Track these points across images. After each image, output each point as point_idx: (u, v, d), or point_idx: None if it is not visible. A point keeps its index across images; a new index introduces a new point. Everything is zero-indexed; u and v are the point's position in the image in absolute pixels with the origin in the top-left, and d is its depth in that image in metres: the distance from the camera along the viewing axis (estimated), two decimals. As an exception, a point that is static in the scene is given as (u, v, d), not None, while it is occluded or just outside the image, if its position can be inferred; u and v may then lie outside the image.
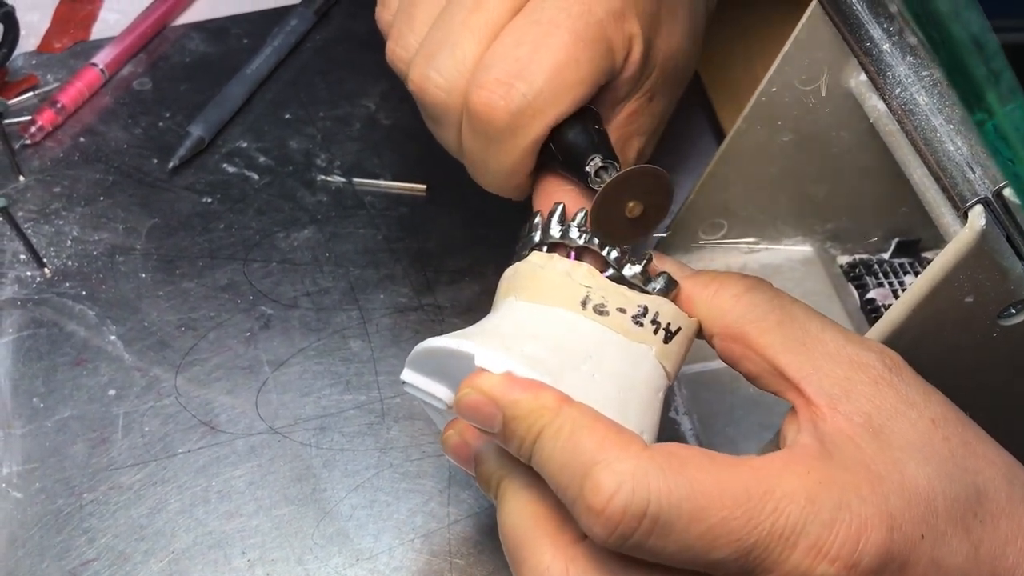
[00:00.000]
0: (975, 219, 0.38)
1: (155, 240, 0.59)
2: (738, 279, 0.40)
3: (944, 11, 0.28)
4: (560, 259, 0.41)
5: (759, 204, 0.55)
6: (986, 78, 0.28)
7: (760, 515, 0.34)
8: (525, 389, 0.36)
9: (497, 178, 0.46)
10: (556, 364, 0.38)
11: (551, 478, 0.35)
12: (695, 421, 0.53)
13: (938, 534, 0.35)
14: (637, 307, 0.40)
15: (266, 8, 0.69)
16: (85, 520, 0.49)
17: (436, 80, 0.44)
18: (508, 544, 0.38)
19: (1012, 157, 0.31)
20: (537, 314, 0.40)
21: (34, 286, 0.57)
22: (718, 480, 0.34)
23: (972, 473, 0.37)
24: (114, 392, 0.53)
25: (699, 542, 0.33)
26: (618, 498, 0.33)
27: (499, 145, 0.44)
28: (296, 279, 0.58)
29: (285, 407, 0.53)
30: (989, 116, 0.30)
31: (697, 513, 0.33)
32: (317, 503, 0.50)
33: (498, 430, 0.36)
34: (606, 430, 0.35)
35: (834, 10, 0.44)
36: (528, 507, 0.37)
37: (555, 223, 0.42)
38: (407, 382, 0.41)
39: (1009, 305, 0.41)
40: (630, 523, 0.33)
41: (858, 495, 0.35)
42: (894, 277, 0.55)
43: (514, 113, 0.43)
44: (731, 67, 0.65)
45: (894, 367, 0.38)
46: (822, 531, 0.34)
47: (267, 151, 0.63)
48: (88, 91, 0.64)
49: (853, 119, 0.48)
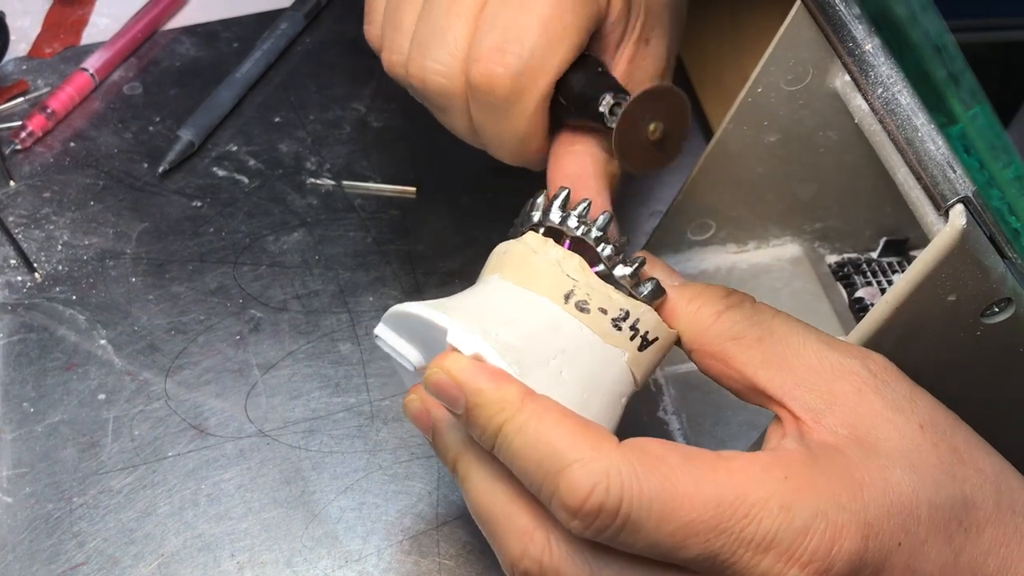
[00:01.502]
0: (956, 218, 0.38)
1: (145, 244, 0.59)
2: (720, 296, 0.40)
3: (901, 15, 0.28)
4: (554, 246, 0.41)
5: (747, 204, 0.55)
6: (946, 81, 0.29)
7: (730, 520, 0.34)
8: (490, 379, 0.36)
9: (514, 147, 0.46)
10: (527, 356, 0.38)
11: (522, 473, 0.36)
12: (683, 421, 0.53)
13: (917, 542, 0.35)
14: (619, 310, 0.40)
15: (256, 12, 0.69)
16: (75, 524, 0.49)
17: (433, 67, 0.45)
18: (484, 517, 0.38)
19: (979, 161, 0.31)
20: (519, 299, 0.40)
21: (24, 291, 0.57)
22: (691, 481, 0.34)
23: (960, 480, 0.36)
24: (104, 396, 0.53)
25: (668, 540, 0.34)
26: (594, 497, 0.33)
27: (507, 112, 0.44)
28: (286, 282, 0.58)
29: (274, 410, 0.53)
30: (950, 121, 0.30)
31: (667, 513, 0.34)
32: (306, 505, 0.50)
33: (461, 413, 0.37)
34: (575, 426, 0.35)
35: (817, 10, 0.44)
36: (500, 483, 0.38)
37: (556, 207, 0.42)
38: (380, 336, 0.42)
39: (992, 303, 0.41)
40: (604, 520, 0.34)
41: (836, 503, 0.35)
42: (882, 276, 0.56)
43: (514, 75, 0.43)
44: (719, 67, 0.66)
45: (879, 372, 0.38)
46: (795, 538, 0.34)
47: (257, 154, 0.63)
48: (78, 96, 0.64)
49: (839, 119, 0.48)
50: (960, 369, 0.43)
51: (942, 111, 0.31)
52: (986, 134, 0.32)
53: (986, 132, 0.32)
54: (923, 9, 0.28)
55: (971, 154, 0.32)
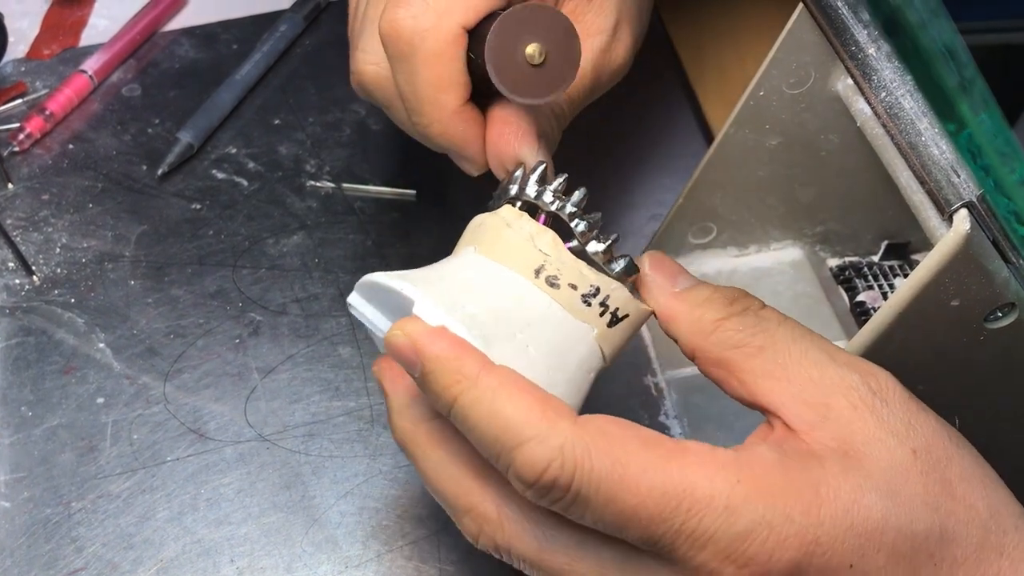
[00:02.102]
0: (960, 223, 0.38)
1: (144, 247, 0.59)
2: (724, 303, 0.40)
3: (912, 22, 0.28)
4: (528, 220, 0.41)
5: (748, 207, 0.55)
6: (958, 88, 0.28)
7: (673, 512, 0.34)
8: (449, 347, 0.36)
9: (433, 106, 0.43)
10: (492, 329, 0.38)
11: (480, 444, 0.36)
12: (685, 426, 0.53)
13: (873, 567, 0.35)
14: (589, 286, 0.40)
15: (256, 13, 0.69)
16: (73, 529, 0.49)
17: (363, 57, 0.45)
18: (439, 494, 0.39)
19: (986, 166, 0.31)
20: (489, 272, 0.40)
21: (23, 294, 0.57)
22: (641, 467, 0.34)
23: (943, 514, 0.36)
24: (103, 400, 0.53)
25: (612, 519, 0.35)
26: (549, 472, 0.34)
27: (414, 60, 0.42)
28: (285, 285, 0.57)
29: (274, 414, 0.53)
30: (961, 127, 0.30)
31: (613, 494, 0.34)
32: (306, 510, 0.50)
33: (418, 377, 0.37)
34: (532, 400, 0.35)
35: (820, 14, 0.44)
36: (452, 458, 0.38)
37: (533, 181, 0.42)
38: (353, 305, 0.42)
39: (995, 308, 0.40)
40: (557, 493, 0.35)
41: (785, 514, 0.34)
42: (884, 279, 0.55)
43: (415, 15, 0.42)
44: (720, 69, 0.65)
45: (879, 391, 0.37)
46: (733, 541, 0.34)
47: (256, 157, 0.63)
48: (77, 98, 0.64)
49: (841, 122, 0.48)
50: (963, 374, 0.43)
51: (952, 118, 0.30)
52: (994, 138, 0.32)
53: (994, 136, 0.31)
54: (934, 15, 0.28)
55: (978, 160, 0.32)
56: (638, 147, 0.63)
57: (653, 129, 0.64)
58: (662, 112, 0.65)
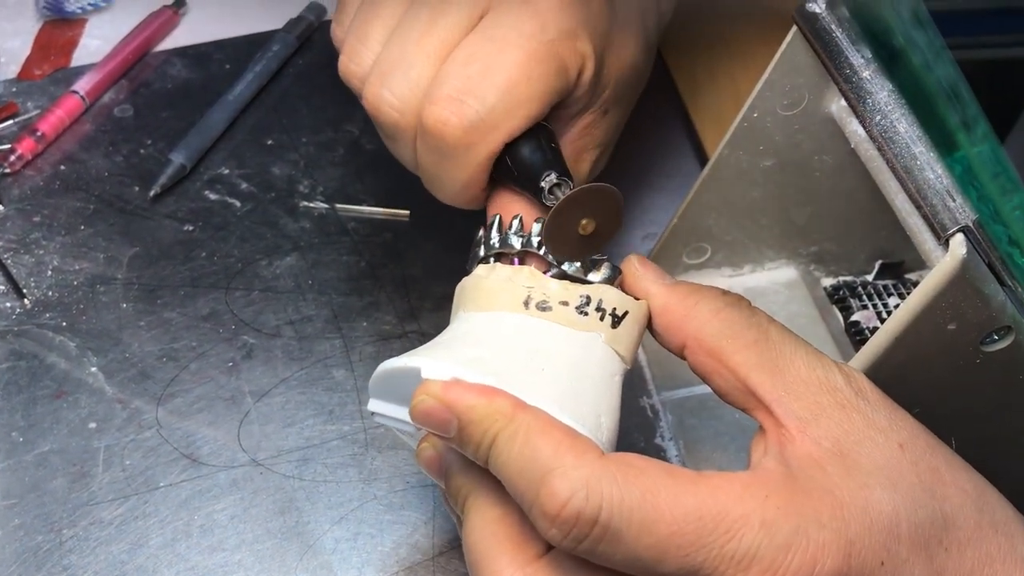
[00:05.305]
0: (956, 247, 0.38)
1: (136, 269, 0.58)
2: (717, 295, 0.40)
3: (917, 64, 0.28)
4: (502, 267, 0.42)
5: (742, 228, 0.55)
6: (959, 127, 0.28)
7: (711, 535, 0.34)
8: (479, 394, 0.36)
9: (451, 192, 0.47)
10: (501, 364, 0.38)
11: (508, 483, 0.36)
12: (681, 447, 0.53)
13: (899, 561, 0.35)
14: (579, 297, 0.40)
15: (248, 34, 0.69)
16: (65, 557, 0.48)
17: (390, 100, 0.45)
18: (470, 558, 0.38)
19: (980, 192, 0.31)
20: (483, 321, 0.41)
21: (14, 317, 0.56)
22: (672, 494, 0.34)
23: (939, 500, 0.37)
24: (95, 425, 0.53)
25: (647, 553, 0.34)
26: (572, 504, 0.34)
27: (453, 160, 0.45)
28: (279, 307, 0.57)
29: (268, 438, 0.53)
30: (960, 160, 0.30)
31: (647, 525, 0.34)
32: (300, 536, 0.49)
33: (454, 435, 0.37)
34: (561, 436, 0.35)
35: (813, 36, 0.44)
36: (491, 524, 0.38)
37: (494, 234, 0.43)
38: (375, 412, 0.42)
39: (991, 331, 0.40)
40: (583, 528, 0.34)
41: (817, 521, 0.35)
42: (878, 299, 0.55)
43: (467, 129, 0.43)
44: (714, 91, 0.65)
45: (860, 391, 0.38)
46: (777, 555, 0.34)
47: (249, 177, 0.62)
48: (69, 118, 0.64)
49: (835, 143, 0.48)
50: (960, 397, 0.43)
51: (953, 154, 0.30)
52: (990, 164, 0.32)
53: (990, 162, 0.32)
54: (937, 56, 0.28)
55: (975, 186, 0.32)
56: (632, 168, 0.63)
57: (647, 150, 0.64)
58: (656, 133, 0.65)
